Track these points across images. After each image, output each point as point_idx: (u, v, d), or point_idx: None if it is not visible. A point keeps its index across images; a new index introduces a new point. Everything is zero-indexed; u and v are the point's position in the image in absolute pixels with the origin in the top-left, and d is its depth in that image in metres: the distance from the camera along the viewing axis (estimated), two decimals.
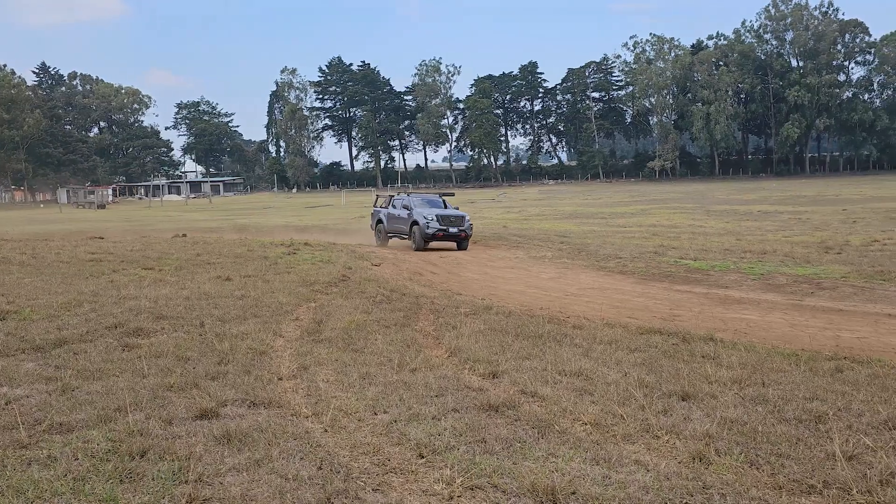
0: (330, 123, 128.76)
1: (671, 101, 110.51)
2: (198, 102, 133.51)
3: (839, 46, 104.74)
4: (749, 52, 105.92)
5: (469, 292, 13.22)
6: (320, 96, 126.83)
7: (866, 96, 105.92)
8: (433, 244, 22.89)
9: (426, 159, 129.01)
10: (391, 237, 24.70)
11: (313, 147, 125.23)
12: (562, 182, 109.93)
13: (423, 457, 4.63)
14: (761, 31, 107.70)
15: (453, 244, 22.96)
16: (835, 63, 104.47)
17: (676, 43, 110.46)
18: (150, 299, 10.58)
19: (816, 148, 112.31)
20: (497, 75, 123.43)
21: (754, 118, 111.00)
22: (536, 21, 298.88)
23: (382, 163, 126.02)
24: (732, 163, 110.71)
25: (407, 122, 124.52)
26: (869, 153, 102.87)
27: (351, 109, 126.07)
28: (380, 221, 25.26)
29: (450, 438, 4.93)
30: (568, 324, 9.60)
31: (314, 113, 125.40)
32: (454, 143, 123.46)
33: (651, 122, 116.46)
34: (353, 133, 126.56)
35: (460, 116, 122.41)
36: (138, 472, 4.30)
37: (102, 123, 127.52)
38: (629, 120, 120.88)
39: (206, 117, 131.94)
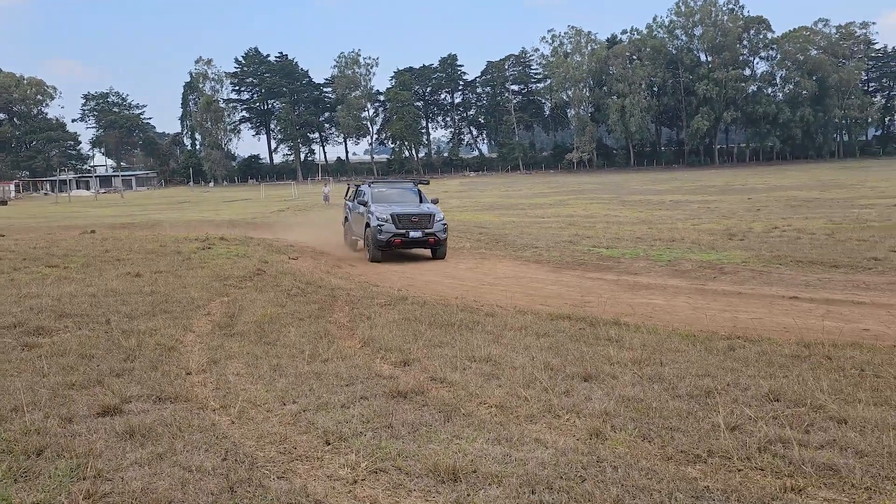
0: (247, 115, 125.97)
1: (588, 94, 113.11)
2: (107, 93, 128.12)
3: (744, 42, 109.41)
4: (661, 47, 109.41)
5: (386, 284, 13.28)
6: (237, 88, 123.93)
7: (770, 90, 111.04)
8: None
9: (347, 152, 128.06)
10: (357, 239, 19.14)
11: (230, 140, 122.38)
12: (483, 174, 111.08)
13: (329, 443, 4.69)
14: (672, 26, 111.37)
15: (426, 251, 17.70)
16: (740, 58, 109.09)
17: (593, 37, 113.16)
18: (54, 297, 10.21)
19: (725, 139, 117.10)
20: (417, 67, 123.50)
21: (667, 111, 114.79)
22: (456, 13, 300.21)
23: (302, 155, 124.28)
24: (647, 154, 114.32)
25: (327, 115, 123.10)
26: (773, 144, 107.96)
27: (269, 101, 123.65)
28: (346, 220, 20.15)
29: (357, 425, 5.01)
30: (481, 312, 9.80)
31: (231, 105, 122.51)
32: (375, 136, 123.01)
33: (569, 115, 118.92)
34: (272, 125, 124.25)
35: (381, 109, 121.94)
36: (34, 471, 4.21)
37: (2, 115, 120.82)
38: (548, 112, 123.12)
39: (115, 109, 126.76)
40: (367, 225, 17.18)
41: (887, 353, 7.03)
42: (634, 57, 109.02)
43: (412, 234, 16.89)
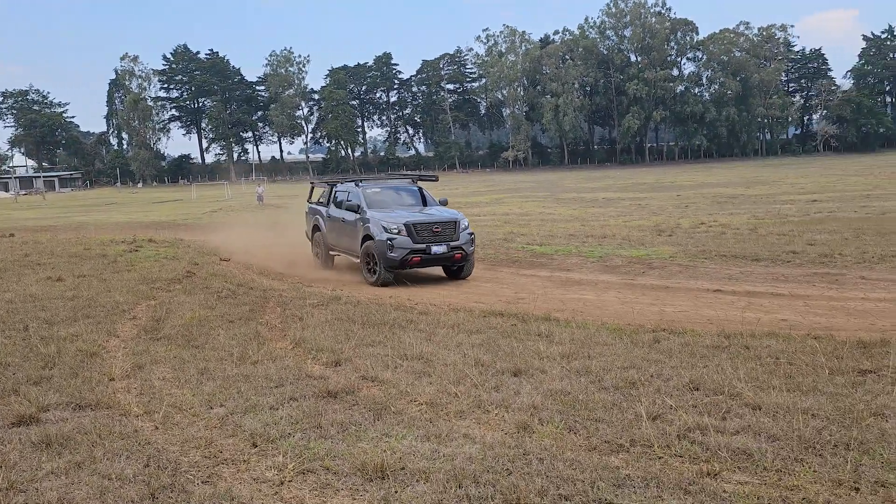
0: (177, 114, 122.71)
1: (522, 93, 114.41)
2: (26, 91, 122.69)
3: (672, 43, 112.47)
4: (593, 47, 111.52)
5: (320, 284, 13.17)
6: (165, 85, 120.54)
7: (697, 90, 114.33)
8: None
9: (281, 151, 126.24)
10: (336, 255, 15.23)
11: (159, 139, 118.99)
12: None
13: (256, 446, 4.64)
14: (603, 27, 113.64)
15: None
16: (669, 59, 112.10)
17: (527, 37, 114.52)
18: None
19: (655, 138, 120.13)
20: (352, 66, 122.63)
21: (599, 110, 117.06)
22: (390, 12, 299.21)
23: (235, 155, 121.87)
24: (580, 153, 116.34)
25: (260, 113, 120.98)
26: (700, 143, 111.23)
27: (199, 99, 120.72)
28: (317, 229, 15.57)
29: (286, 426, 4.97)
30: (415, 310, 9.82)
31: (159, 103, 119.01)
32: (310, 135, 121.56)
33: (504, 114, 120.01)
34: (203, 124, 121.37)
35: (316, 107, 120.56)
36: None
37: None
38: (483, 111, 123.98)
39: (36, 107, 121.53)
40: (369, 237, 13.04)
41: (801, 341, 7.35)
42: (567, 57, 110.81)
43: (434, 248, 12.77)
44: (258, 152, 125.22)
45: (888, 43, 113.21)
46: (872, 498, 3.82)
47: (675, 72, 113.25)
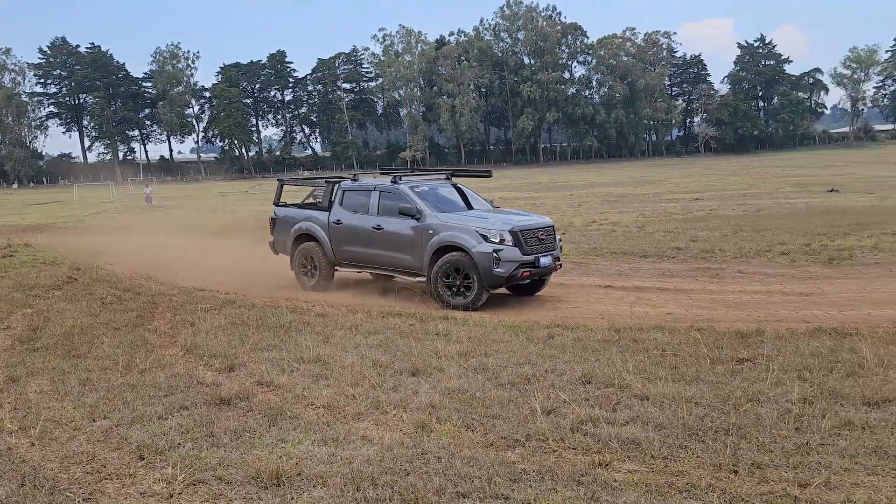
0: (56, 111, 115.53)
1: (419, 93, 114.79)
2: None
3: (563, 47, 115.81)
4: (487, 49, 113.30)
5: (213, 287, 12.73)
6: (42, 81, 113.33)
7: (587, 93, 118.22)
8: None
9: (171, 150, 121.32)
10: (352, 272, 12.26)
11: (36, 137, 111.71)
12: (316, 173, 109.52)
13: (143, 458, 4.44)
14: (497, 29, 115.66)
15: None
16: (560, 62, 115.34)
17: (423, 37, 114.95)
18: None
19: (549, 139, 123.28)
20: (245, 63, 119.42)
21: (494, 111, 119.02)
22: (283, 9, 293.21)
23: (121, 154, 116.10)
24: (477, 153, 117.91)
25: (148, 111, 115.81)
26: (591, 144, 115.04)
27: (80, 96, 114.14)
28: (311, 239, 12.30)
29: (175, 437, 4.77)
30: (312, 312, 9.66)
31: (36, 99, 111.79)
32: (202, 134, 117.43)
33: (401, 114, 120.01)
34: (85, 122, 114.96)
35: (207, 105, 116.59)
36: None
37: None
38: (380, 111, 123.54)
39: None
40: (450, 249, 10.47)
41: (685, 333, 7.73)
42: (463, 58, 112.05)
43: (543, 260, 10.54)
44: (146, 152, 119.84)
45: (760, 51, 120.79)
46: (749, 479, 4.06)
47: (567, 75, 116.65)
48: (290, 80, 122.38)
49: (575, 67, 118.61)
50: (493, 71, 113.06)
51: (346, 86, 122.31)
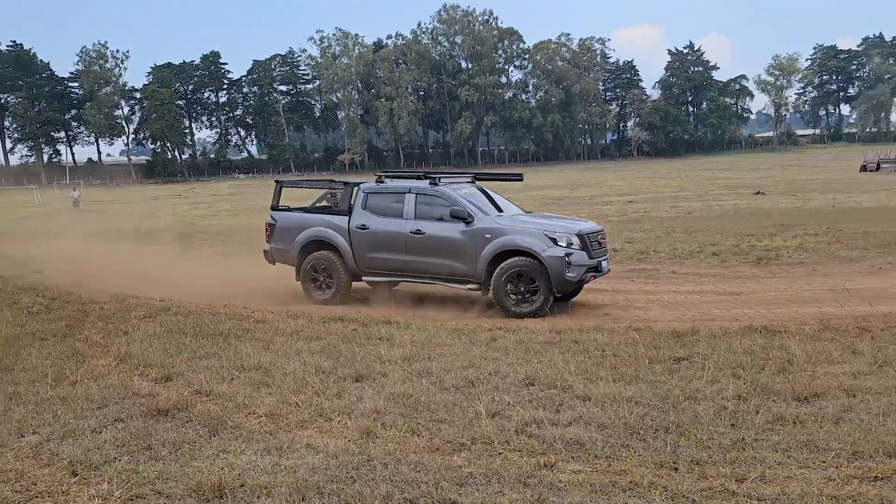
0: None
1: (357, 96, 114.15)
2: None
3: (500, 51, 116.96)
4: (425, 53, 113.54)
5: (149, 294, 12.36)
6: None
7: (524, 97, 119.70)
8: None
9: (100, 153, 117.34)
10: (390, 281, 11.23)
11: None
12: (253, 176, 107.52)
13: (76, 474, 4.27)
14: (435, 33, 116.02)
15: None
16: (497, 66, 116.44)
17: (360, 40, 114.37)
18: None
19: (486, 142, 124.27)
20: (177, 64, 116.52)
21: (433, 114, 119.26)
22: (216, 9, 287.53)
23: (46, 157, 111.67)
24: (416, 156, 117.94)
25: (74, 112, 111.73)
26: (528, 147, 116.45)
27: (2, 96, 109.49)
28: (325, 246, 11.30)
29: (110, 450, 4.61)
30: (251, 318, 9.47)
31: None
32: (132, 136, 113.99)
33: (339, 117, 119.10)
34: (7, 123, 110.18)
35: (137, 107, 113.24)
36: None
37: None
38: (318, 114, 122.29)
39: None
40: (513, 253, 9.95)
41: (623, 333, 7.89)
42: (401, 61, 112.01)
43: (603, 263, 10.42)
44: (72, 154, 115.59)
45: (689, 58, 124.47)
46: (689, 476, 4.16)
47: (504, 79, 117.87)
48: (225, 81, 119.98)
49: (512, 72, 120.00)
50: (431, 74, 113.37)
51: (283, 88, 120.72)
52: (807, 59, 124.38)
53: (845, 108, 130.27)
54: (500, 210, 10.92)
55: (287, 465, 4.36)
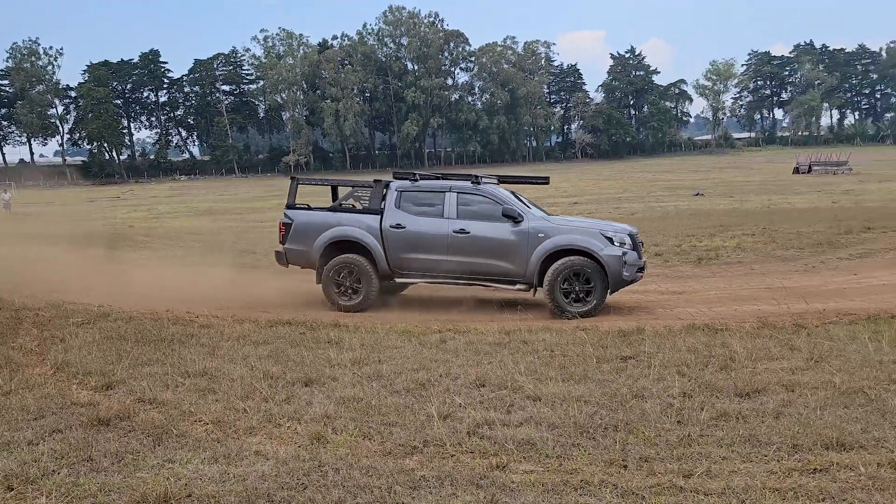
0: None
1: (302, 97, 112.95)
2: None
3: (446, 54, 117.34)
4: (371, 54, 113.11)
5: (87, 299, 11.97)
6: None
7: (470, 99, 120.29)
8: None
9: (32, 153, 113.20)
10: (414, 282, 10.88)
11: None
12: (195, 178, 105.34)
13: (12, 489, 4.10)
14: (381, 34, 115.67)
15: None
16: (443, 68, 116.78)
17: (305, 40, 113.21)
18: None
19: (433, 144, 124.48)
20: (115, 62, 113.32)
21: (379, 116, 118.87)
22: (156, 7, 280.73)
23: None
24: (362, 157, 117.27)
25: (4, 111, 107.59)
26: (475, 149, 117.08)
27: None
28: (354, 247, 10.78)
29: (48, 463, 4.44)
30: (195, 323, 9.25)
31: None
32: (67, 136, 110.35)
33: (284, 118, 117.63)
34: None
35: (73, 106, 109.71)
36: None
37: None
38: (262, 114, 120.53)
39: None
40: (570, 252, 9.84)
41: (571, 333, 7.99)
42: (346, 62, 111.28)
43: (644, 263, 10.58)
44: (3, 155, 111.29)
45: (631, 62, 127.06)
46: (638, 473, 4.23)
47: (450, 81, 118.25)
48: (165, 80, 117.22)
49: (458, 74, 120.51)
50: (378, 76, 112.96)
51: (226, 88, 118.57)
52: (742, 65, 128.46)
53: (779, 113, 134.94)
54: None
55: (235, 473, 4.26)
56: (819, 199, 29.81)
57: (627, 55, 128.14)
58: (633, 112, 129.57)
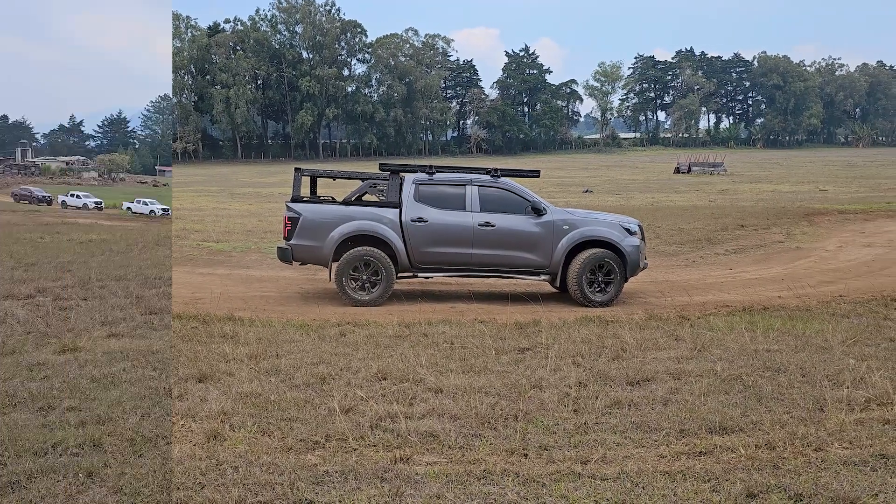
0: None
1: (190, 81, 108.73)
2: None
3: (342, 44, 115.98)
4: (264, 40, 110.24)
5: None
6: None
7: (367, 91, 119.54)
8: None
9: None
10: (448, 275, 10.71)
11: None
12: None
13: None
14: (274, 21, 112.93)
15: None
16: (339, 58, 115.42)
17: (193, 23, 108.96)
18: None
19: (328, 135, 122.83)
20: None
21: (272, 104, 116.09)
22: None
23: None
24: (254, 147, 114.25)
25: None
26: (371, 141, 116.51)
27: None
28: (372, 241, 10.35)
29: None
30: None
31: None
32: None
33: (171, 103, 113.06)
34: None
35: None
36: None
37: None
38: None
39: None
40: (594, 244, 10.11)
41: (470, 326, 8.11)
42: (238, 48, 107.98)
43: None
44: None
45: (525, 60, 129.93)
46: (539, 461, 4.35)
47: (346, 72, 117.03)
48: None
49: (354, 65, 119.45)
50: (271, 63, 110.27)
51: None
52: (629, 68, 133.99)
53: (661, 115, 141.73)
54: None
55: None
56: (698, 198, 31.58)
57: (522, 53, 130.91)
58: (526, 110, 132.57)
